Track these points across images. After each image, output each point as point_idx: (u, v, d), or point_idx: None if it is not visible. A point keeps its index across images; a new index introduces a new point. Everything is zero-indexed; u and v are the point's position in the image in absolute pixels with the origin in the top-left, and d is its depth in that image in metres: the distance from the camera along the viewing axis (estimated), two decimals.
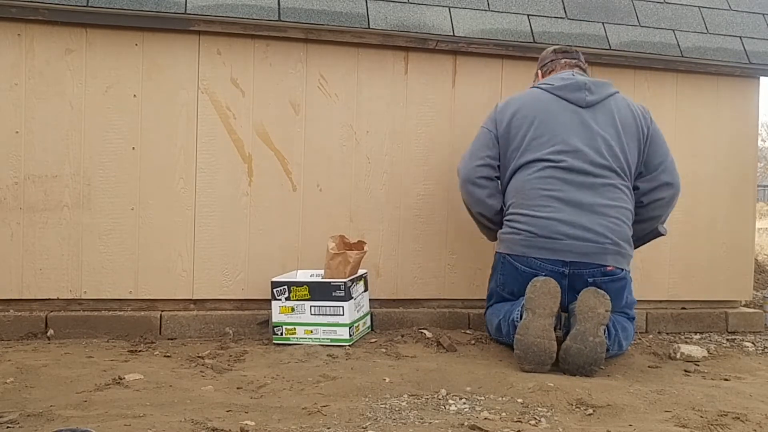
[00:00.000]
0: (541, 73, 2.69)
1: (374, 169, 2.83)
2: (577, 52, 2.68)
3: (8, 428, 1.56)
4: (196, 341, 2.56)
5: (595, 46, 2.90)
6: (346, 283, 2.46)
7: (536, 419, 1.73)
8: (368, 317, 2.71)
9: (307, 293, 2.49)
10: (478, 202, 2.57)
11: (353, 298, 2.51)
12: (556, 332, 2.28)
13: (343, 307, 2.45)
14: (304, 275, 2.69)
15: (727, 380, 2.26)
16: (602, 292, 2.27)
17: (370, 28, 2.66)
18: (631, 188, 2.48)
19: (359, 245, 2.63)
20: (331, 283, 2.48)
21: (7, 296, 2.54)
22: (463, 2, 2.82)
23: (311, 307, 2.48)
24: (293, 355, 2.31)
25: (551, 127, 2.44)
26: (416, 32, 2.72)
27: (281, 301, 2.50)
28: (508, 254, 2.46)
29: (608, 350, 2.28)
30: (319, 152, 2.78)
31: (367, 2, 2.70)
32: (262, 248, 2.73)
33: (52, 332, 2.51)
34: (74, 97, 2.57)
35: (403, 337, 2.63)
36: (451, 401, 1.86)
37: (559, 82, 2.51)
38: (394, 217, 2.85)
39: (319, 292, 2.48)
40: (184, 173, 2.66)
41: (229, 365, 2.19)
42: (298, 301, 2.49)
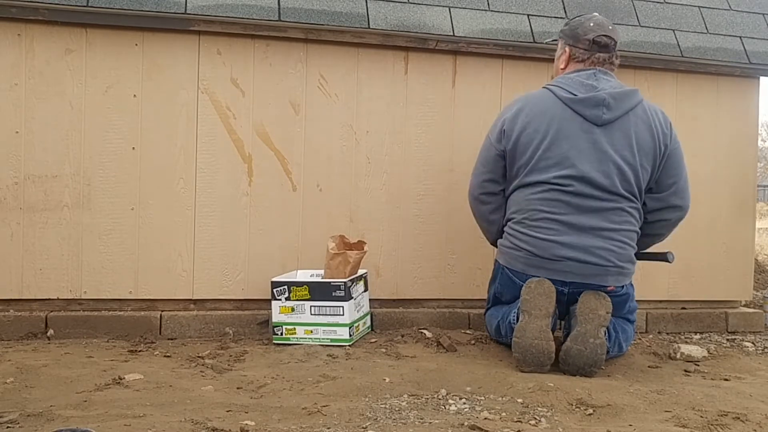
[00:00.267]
0: (569, 52, 2.46)
1: (374, 169, 2.83)
2: (614, 43, 2.45)
3: (8, 428, 1.56)
4: (196, 341, 2.56)
5: None
6: (346, 283, 2.46)
7: (536, 419, 1.73)
8: (368, 317, 2.71)
9: (307, 293, 2.49)
10: (481, 217, 2.59)
11: (353, 298, 2.51)
12: (554, 333, 2.28)
13: (343, 307, 2.45)
14: (304, 275, 2.69)
15: (727, 380, 2.26)
16: (603, 294, 2.27)
17: (370, 28, 2.66)
18: (639, 208, 2.40)
19: (359, 245, 2.63)
20: (331, 283, 2.48)
21: (7, 296, 2.55)
22: (463, 2, 2.82)
23: (311, 307, 2.48)
24: (293, 355, 2.31)
25: (562, 149, 2.34)
26: (416, 32, 2.71)
27: (281, 301, 2.51)
28: (507, 267, 2.45)
29: (608, 352, 2.27)
30: (319, 152, 2.78)
31: (367, 2, 2.70)
32: (262, 248, 2.73)
33: (52, 332, 2.51)
34: (74, 97, 2.57)
35: (403, 337, 2.63)
36: (451, 401, 1.86)
37: (578, 90, 2.36)
38: (394, 217, 2.85)
39: (319, 292, 2.48)
40: (184, 173, 2.66)
41: (229, 365, 2.19)
42: (298, 301, 2.49)
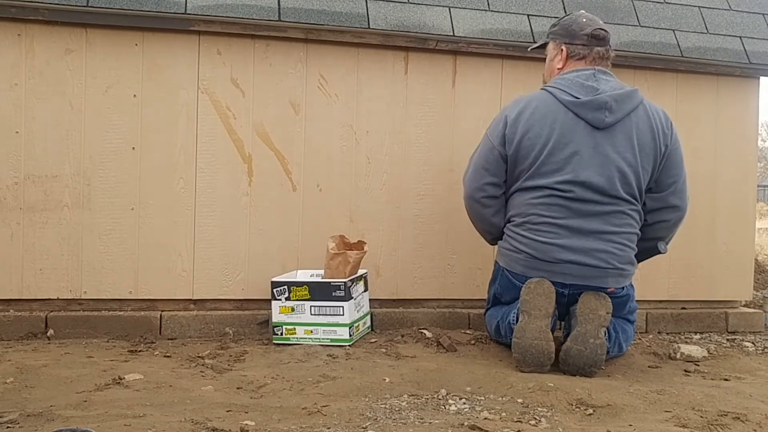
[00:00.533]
0: (566, 51, 2.44)
1: (374, 169, 2.83)
2: (609, 36, 2.44)
3: (8, 428, 1.56)
4: (196, 341, 2.56)
5: None
6: (346, 283, 2.46)
7: (536, 419, 1.73)
8: (368, 317, 2.71)
9: (307, 293, 2.49)
10: (482, 219, 2.54)
11: (353, 298, 2.51)
12: (554, 333, 2.28)
13: (343, 307, 2.45)
14: (304, 275, 2.69)
15: (727, 380, 2.26)
16: (603, 294, 2.27)
17: (370, 28, 2.66)
18: (640, 210, 2.40)
19: (359, 245, 2.63)
20: (331, 283, 2.48)
21: (7, 296, 2.55)
22: (463, 2, 2.82)
23: (311, 307, 2.48)
24: (293, 355, 2.31)
25: (564, 155, 2.32)
26: (416, 32, 2.71)
27: (281, 301, 2.51)
28: (507, 269, 2.44)
29: (608, 352, 2.27)
30: (319, 152, 2.78)
31: (367, 2, 2.70)
32: (262, 248, 2.73)
33: (52, 332, 2.51)
34: (74, 97, 2.57)
35: (403, 337, 2.63)
36: (451, 401, 1.86)
37: (579, 92, 2.34)
38: (394, 217, 2.85)
39: (319, 292, 2.48)
40: (184, 173, 2.66)
41: (229, 365, 2.19)
42: (298, 301, 2.49)
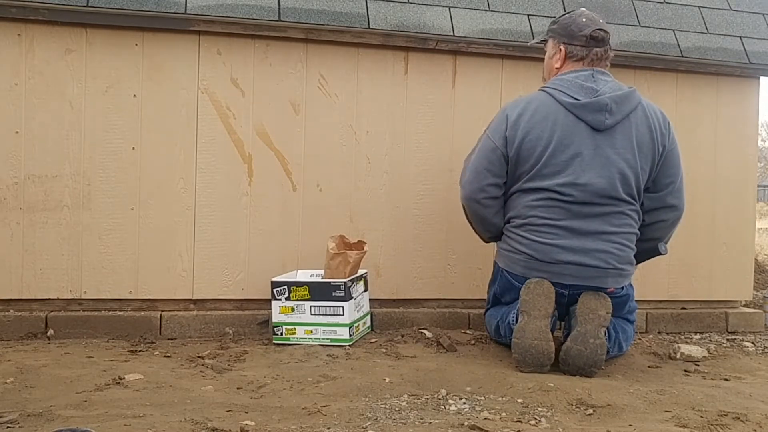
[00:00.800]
0: (564, 51, 2.42)
1: (374, 169, 2.83)
2: (608, 36, 2.42)
3: (8, 428, 1.56)
4: (196, 341, 2.56)
5: None
6: (346, 283, 2.46)
7: (536, 419, 1.73)
8: (368, 317, 2.71)
9: (307, 293, 2.49)
10: (482, 220, 2.52)
11: (353, 298, 2.51)
12: (554, 333, 2.28)
13: (343, 307, 2.45)
14: (304, 275, 2.69)
15: (727, 380, 2.26)
16: (603, 294, 2.27)
17: (370, 28, 2.66)
18: (638, 210, 2.40)
19: (359, 245, 2.63)
20: (331, 283, 2.48)
21: (7, 296, 2.55)
22: (463, 2, 2.82)
23: (311, 307, 2.48)
24: (293, 355, 2.31)
25: (565, 157, 2.32)
26: (416, 32, 2.71)
27: (281, 301, 2.50)
28: (506, 270, 2.44)
29: (608, 352, 2.27)
30: (319, 152, 2.78)
31: (367, 2, 2.70)
32: (262, 248, 2.73)
33: (52, 332, 2.51)
34: (74, 97, 2.57)
35: (403, 337, 2.63)
36: (451, 401, 1.86)
37: (578, 93, 2.33)
38: (394, 217, 2.85)
39: (319, 292, 2.48)
40: (184, 173, 2.66)
41: (229, 365, 2.19)
42: (298, 301, 2.49)
